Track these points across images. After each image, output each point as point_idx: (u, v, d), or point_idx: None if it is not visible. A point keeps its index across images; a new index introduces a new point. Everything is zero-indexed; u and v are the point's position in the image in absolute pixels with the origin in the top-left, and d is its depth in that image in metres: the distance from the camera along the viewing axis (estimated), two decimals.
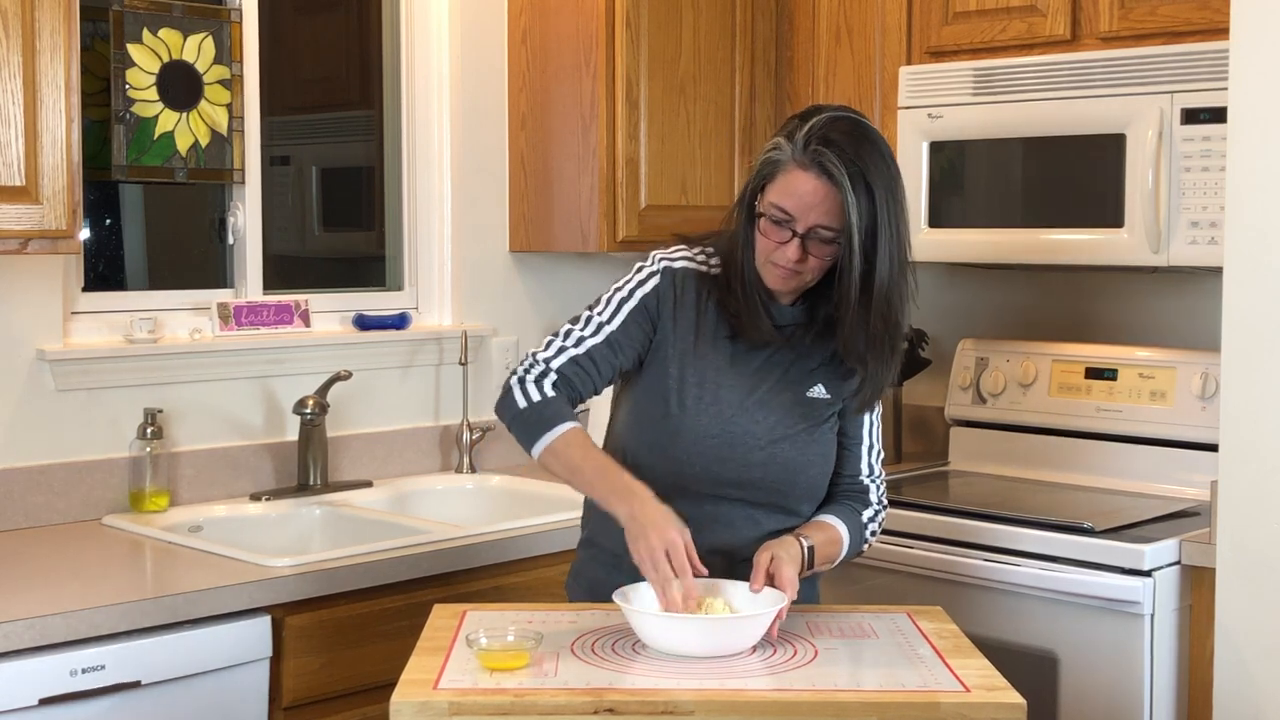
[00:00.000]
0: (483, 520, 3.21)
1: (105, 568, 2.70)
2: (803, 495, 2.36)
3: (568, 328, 2.36)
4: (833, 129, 2.20)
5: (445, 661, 2.03)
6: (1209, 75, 2.97)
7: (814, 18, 3.70)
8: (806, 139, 2.20)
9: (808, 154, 2.19)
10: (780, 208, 2.22)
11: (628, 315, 2.33)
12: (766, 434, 2.31)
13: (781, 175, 2.23)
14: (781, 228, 2.23)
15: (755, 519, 2.33)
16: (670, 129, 3.60)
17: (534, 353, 2.35)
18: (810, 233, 2.22)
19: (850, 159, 2.17)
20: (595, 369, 2.32)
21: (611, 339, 2.32)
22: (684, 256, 2.37)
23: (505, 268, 3.76)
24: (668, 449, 2.30)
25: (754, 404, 2.32)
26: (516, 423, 2.31)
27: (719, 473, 2.30)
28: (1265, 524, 2.60)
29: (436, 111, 3.68)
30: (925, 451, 3.86)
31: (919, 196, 3.41)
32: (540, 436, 2.28)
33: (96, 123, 3.17)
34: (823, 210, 2.20)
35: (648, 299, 2.34)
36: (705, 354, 2.32)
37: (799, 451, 2.33)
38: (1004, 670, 2.05)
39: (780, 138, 2.25)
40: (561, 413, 2.29)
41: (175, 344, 3.18)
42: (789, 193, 2.21)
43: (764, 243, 2.26)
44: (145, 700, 2.43)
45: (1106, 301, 3.60)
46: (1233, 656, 2.65)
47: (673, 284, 2.34)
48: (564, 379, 2.31)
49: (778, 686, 1.96)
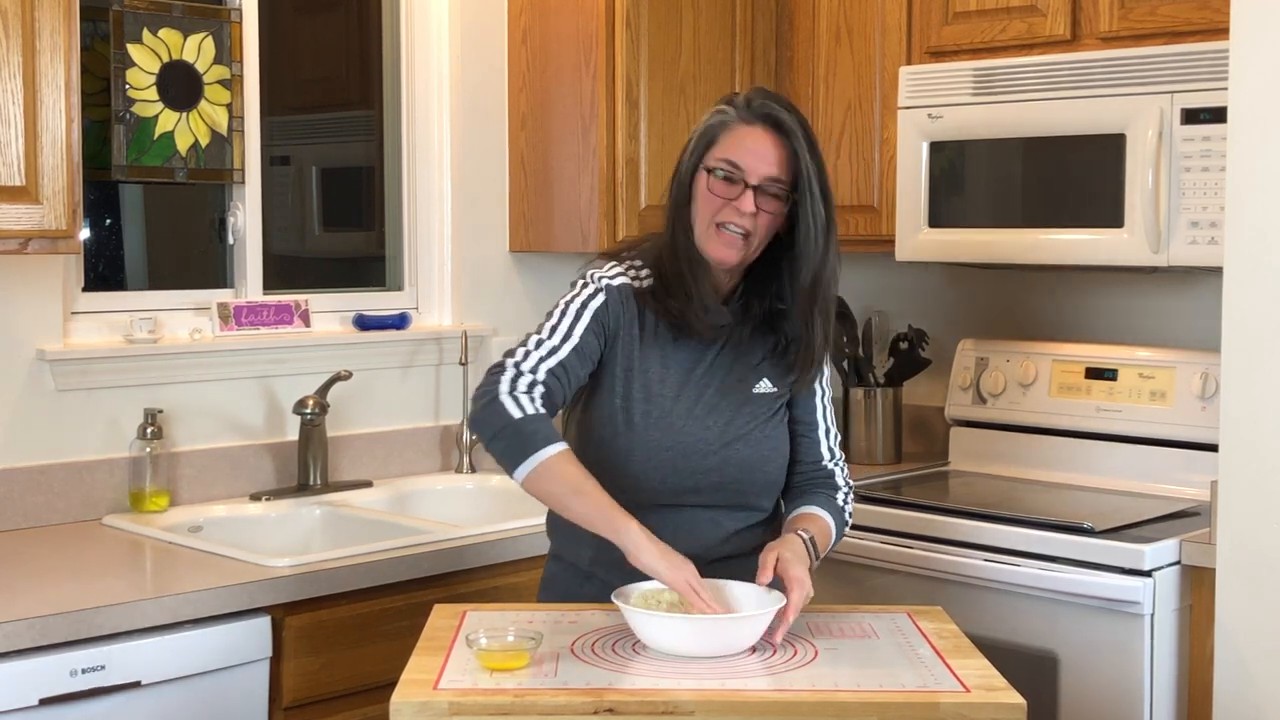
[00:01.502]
0: (483, 520, 3.21)
1: (105, 568, 2.70)
2: (761, 491, 2.37)
3: (531, 338, 2.30)
4: (768, 94, 2.31)
5: (445, 662, 2.03)
6: (1209, 75, 2.97)
7: (814, 18, 3.70)
8: (748, 99, 2.28)
9: (753, 110, 2.26)
10: (731, 161, 2.25)
11: (586, 327, 2.31)
12: (718, 438, 2.31)
13: (727, 134, 2.27)
14: (732, 184, 2.25)
15: (717, 520, 2.34)
16: (670, 129, 3.60)
17: (507, 362, 2.27)
18: (761, 185, 2.24)
19: (793, 113, 2.27)
20: (568, 379, 2.29)
21: (578, 348, 2.29)
22: (618, 272, 2.35)
23: (505, 268, 3.76)
24: (622, 467, 2.29)
25: (702, 410, 2.32)
26: (506, 433, 2.20)
27: (676, 483, 2.30)
28: (1265, 524, 2.60)
29: (436, 111, 3.68)
30: (925, 451, 3.86)
31: (919, 197, 3.41)
32: (531, 453, 2.18)
33: (96, 123, 3.17)
34: (773, 161, 2.25)
35: (599, 312, 2.32)
36: (649, 368, 2.32)
37: (753, 449, 2.33)
38: (1004, 670, 2.05)
39: (720, 105, 2.31)
40: (552, 431, 2.22)
41: (175, 344, 3.18)
42: (739, 147, 2.26)
43: (712, 203, 2.26)
44: (145, 700, 2.43)
45: (1106, 301, 3.60)
46: (1233, 656, 2.65)
47: (619, 299, 2.33)
48: (547, 390, 2.26)
49: (778, 686, 1.96)
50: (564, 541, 2.40)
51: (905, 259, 3.45)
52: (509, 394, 2.22)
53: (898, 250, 3.45)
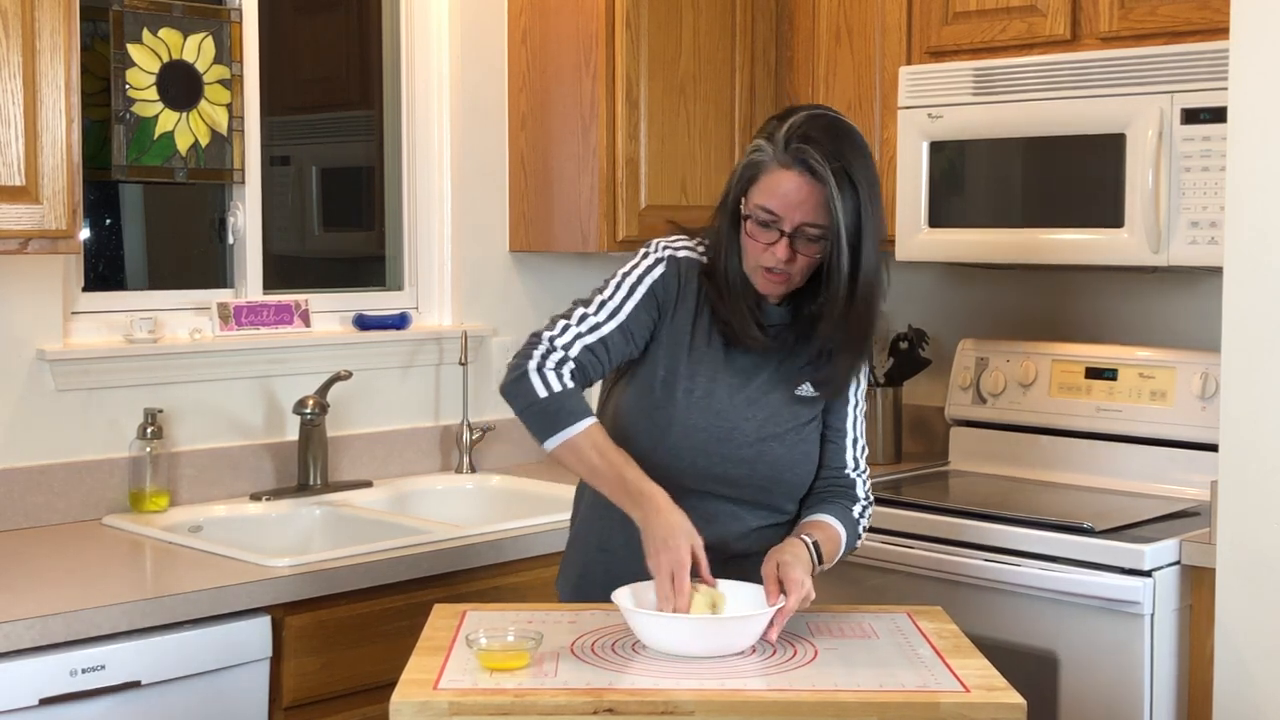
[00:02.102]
0: (482, 520, 3.21)
1: (105, 568, 2.70)
2: (788, 493, 2.37)
3: (577, 310, 2.33)
4: (811, 126, 2.22)
5: (445, 661, 2.03)
6: (1209, 75, 2.97)
7: (814, 18, 3.70)
8: (787, 138, 2.21)
9: (789, 153, 2.20)
10: (766, 208, 2.23)
11: (638, 302, 2.32)
12: (756, 431, 2.32)
13: (765, 176, 2.23)
14: (768, 229, 2.23)
15: (740, 515, 2.34)
16: (670, 129, 3.60)
17: (545, 334, 2.30)
18: (797, 231, 2.22)
19: (832, 155, 2.19)
20: (608, 356, 2.30)
21: (624, 326, 2.30)
22: (685, 246, 2.37)
23: (505, 268, 3.76)
24: (658, 440, 2.30)
25: (744, 400, 2.32)
26: (534, 412, 2.26)
27: (706, 467, 2.30)
28: (1265, 524, 2.60)
29: (436, 111, 3.68)
30: (925, 451, 3.86)
31: (919, 196, 3.41)
32: (559, 430, 2.24)
33: (96, 123, 3.17)
34: (808, 208, 2.21)
35: (655, 286, 2.33)
36: (699, 347, 2.32)
37: (787, 450, 2.33)
38: (1004, 670, 2.05)
39: (760, 139, 2.26)
40: (582, 406, 2.26)
41: (175, 344, 3.18)
42: (773, 193, 2.22)
43: (752, 246, 2.26)
44: (145, 700, 2.43)
45: (1106, 301, 3.60)
46: (1233, 656, 2.65)
47: (677, 273, 2.34)
48: (580, 366, 2.28)
49: (778, 686, 1.96)
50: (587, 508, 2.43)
51: (905, 259, 3.45)
52: (537, 370, 2.26)
53: (898, 250, 3.45)
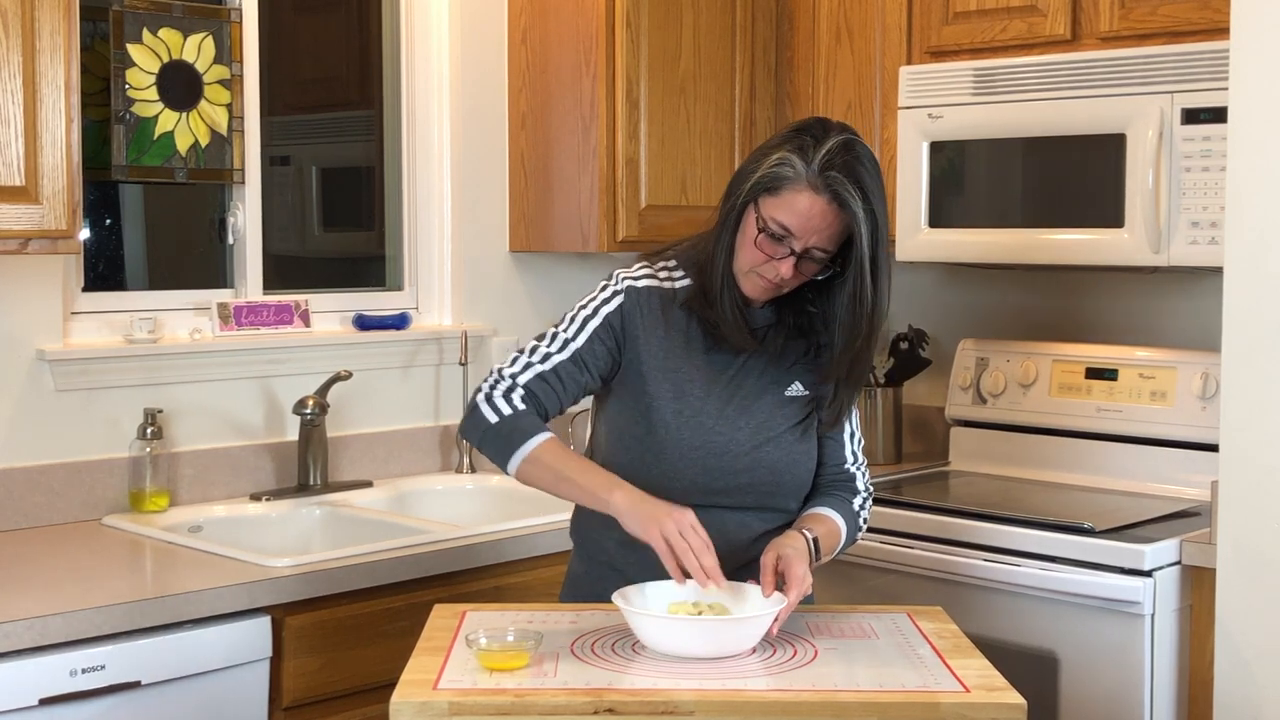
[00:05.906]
0: (483, 520, 3.21)
1: (105, 568, 2.69)
2: (790, 494, 2.37)
3: (535, 345, 2.35)
4: (846, 154, 2.19)
5: (445, 662, 2.03)
6: (1209, 75, 2.97)
7: (814, 18, 3.70)
8: (824, 164, 2.18)
9: (824, 178, 2.17)
10: (782, 224, 2.21)
11: (592, 332, 2.33)
12: (749, 439, 2.31)
13: (788, 191, 2.20)
14: (779, 243, 2.22)
15: (745, 522, 2.33)
16: (670, 129, 3.60)
17: (500, 369, 2.34)
18: (806, 252, 2.22)
19: (862, 187, 2.18)
20: (562, 386, 2.32)
21: (577, 356, 2.32)
22: (646, 274, 2.37)
23: (505, 268, 3.76)
24: (652, 466, 2.30)
25: (734, 411, 2.32)
26: (489, 438, 2.29)
27: (706, 483, 2.30)
28: (1265, 524, 2.60)
29: (436, 111, 3.68)
30: (925, 451, 3.86)
31: (919, 196, 3.41)
32: (517, 449, 2.26)
33: (96, 123, 3.17)
34: (825, 234, 2.21)
35: (612, 316, 2.33)
36: (679, 367, 2.32)
37: (784, 452, 2.33)
38: (1004, 670, 2.05)
39: (789, 153, 2.21)
40: (534, 424, 2.28)
41: (175, 344, 3.18)
42: (794, 211, 2.20)
43: (754, 254, 2.25)
44: (145, 700, 2.43)
45: (1106, 301, 3.60)
46: (1233, 656, 2.65)
47: (637, 302, 2.34)
48: (530, 394, 2.30)
49: (778, 686, 1.96)
50: (587, 534, 2.42)
51: (905, 259, 3.45)
52: (487, 400, 2.31)
53: (898, 250, 3.44)
